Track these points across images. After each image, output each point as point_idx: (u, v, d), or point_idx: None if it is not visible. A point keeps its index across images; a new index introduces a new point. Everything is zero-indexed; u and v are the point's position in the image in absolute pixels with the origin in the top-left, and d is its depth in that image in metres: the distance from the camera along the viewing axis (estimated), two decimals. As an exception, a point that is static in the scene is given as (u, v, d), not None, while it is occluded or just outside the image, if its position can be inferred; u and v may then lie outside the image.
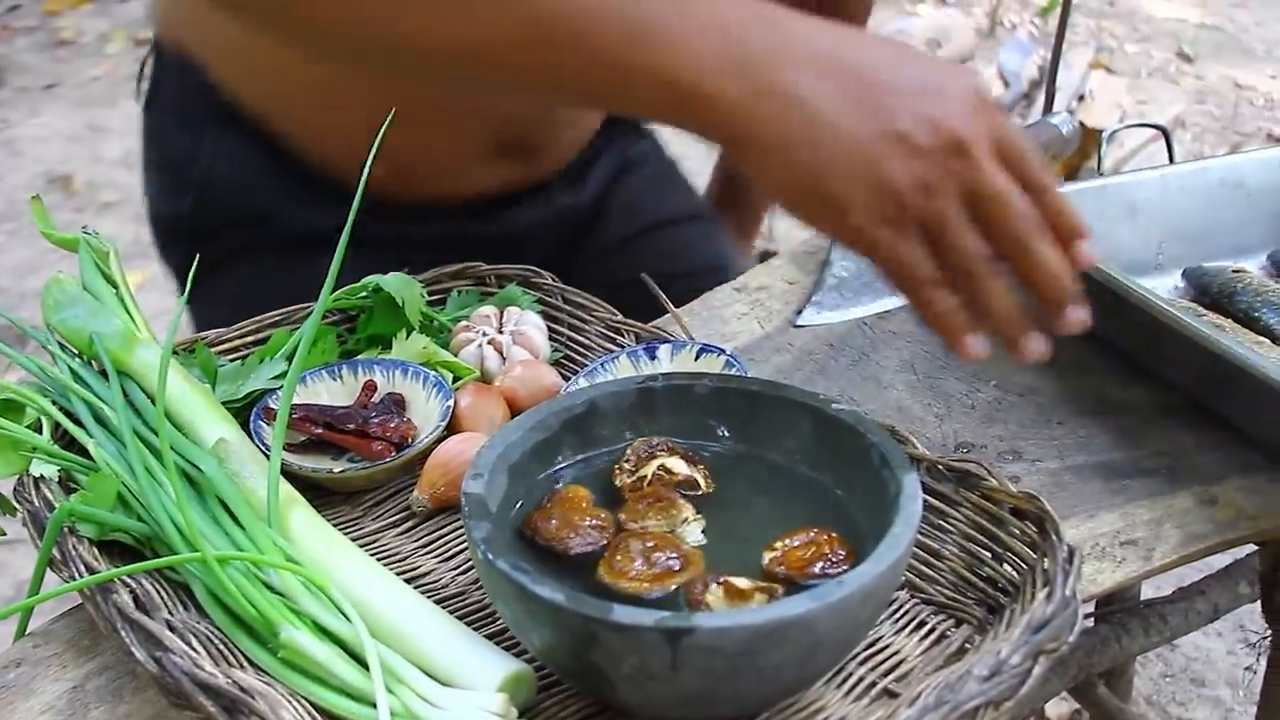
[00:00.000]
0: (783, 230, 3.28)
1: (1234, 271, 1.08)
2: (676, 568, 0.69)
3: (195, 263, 0.89)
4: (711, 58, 0.69)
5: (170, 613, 0.71)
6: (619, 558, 0.70)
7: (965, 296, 0.72)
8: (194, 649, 0.67)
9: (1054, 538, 0.72)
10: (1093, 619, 1.22)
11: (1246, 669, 1.98)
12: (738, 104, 0.69)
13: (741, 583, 0.66)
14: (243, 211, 1.12)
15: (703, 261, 1.32)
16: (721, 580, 0.67)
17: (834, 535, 0.71)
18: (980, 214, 0.70)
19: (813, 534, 0.71)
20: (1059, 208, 0.73)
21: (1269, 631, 1.11)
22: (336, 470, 0.86)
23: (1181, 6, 5.46)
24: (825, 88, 0.69)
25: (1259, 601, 1.09)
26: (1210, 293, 1.07)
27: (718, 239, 1.39)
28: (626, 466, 0.77)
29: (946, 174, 0.69)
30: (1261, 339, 0.99)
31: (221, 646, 0.69)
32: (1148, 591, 1.41)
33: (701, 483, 0.77)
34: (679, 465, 0.77)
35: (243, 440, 0.81)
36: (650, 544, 0.71)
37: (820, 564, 0.69)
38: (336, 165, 1.09)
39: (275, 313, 0.98)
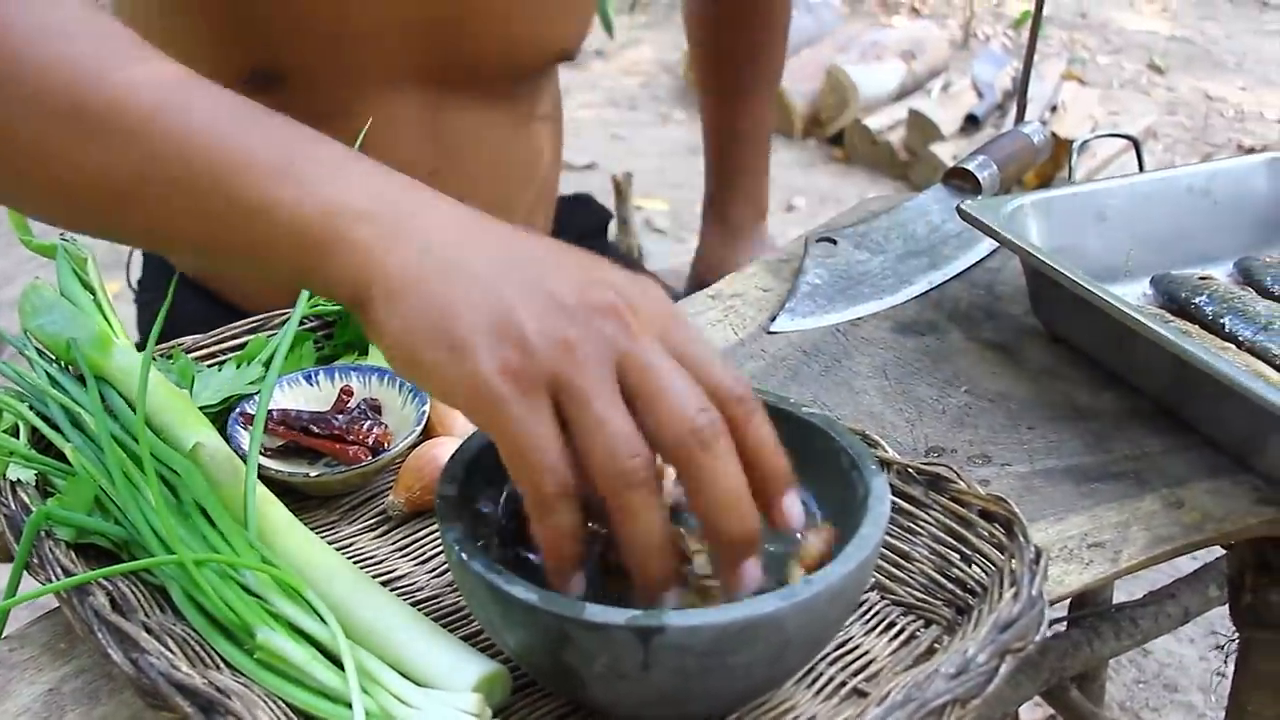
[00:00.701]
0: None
1: (1201, 279, 1.10)
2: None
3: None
4: (350, 205, 0.63)
5: (147, 615, 0.71)
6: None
7: (609, 510, 0.60)
8: (170, 650, 0.67)
9: (1021, 539, 0.73)
10: (1064, 623, 1.23)
11: (1217, 674, 2.00)
12: (371, 248, 0.61)
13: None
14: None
15: None
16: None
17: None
18: (636, 395, 0.59)
19: None
20: (758, 432, 0.61)
21: (1237, 635, 1.12)
22: (313, 475, 0.86)
23: (1153, 19, 5.51)
24: (467, 242, 0.62)
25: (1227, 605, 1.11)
26: (1178, 299, 1.09)
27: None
28: None
29: (591, 333, 0.58)
30: (1228, 345, 1.01)
31: (198, 648, 0.70)
32: (1119, 596, 1.42)
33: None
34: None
35: (220, 445, 0.81)
36: None
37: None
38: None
39: (253, 319, 0.98)
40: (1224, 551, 1.13)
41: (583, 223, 1.48)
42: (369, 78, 1.10)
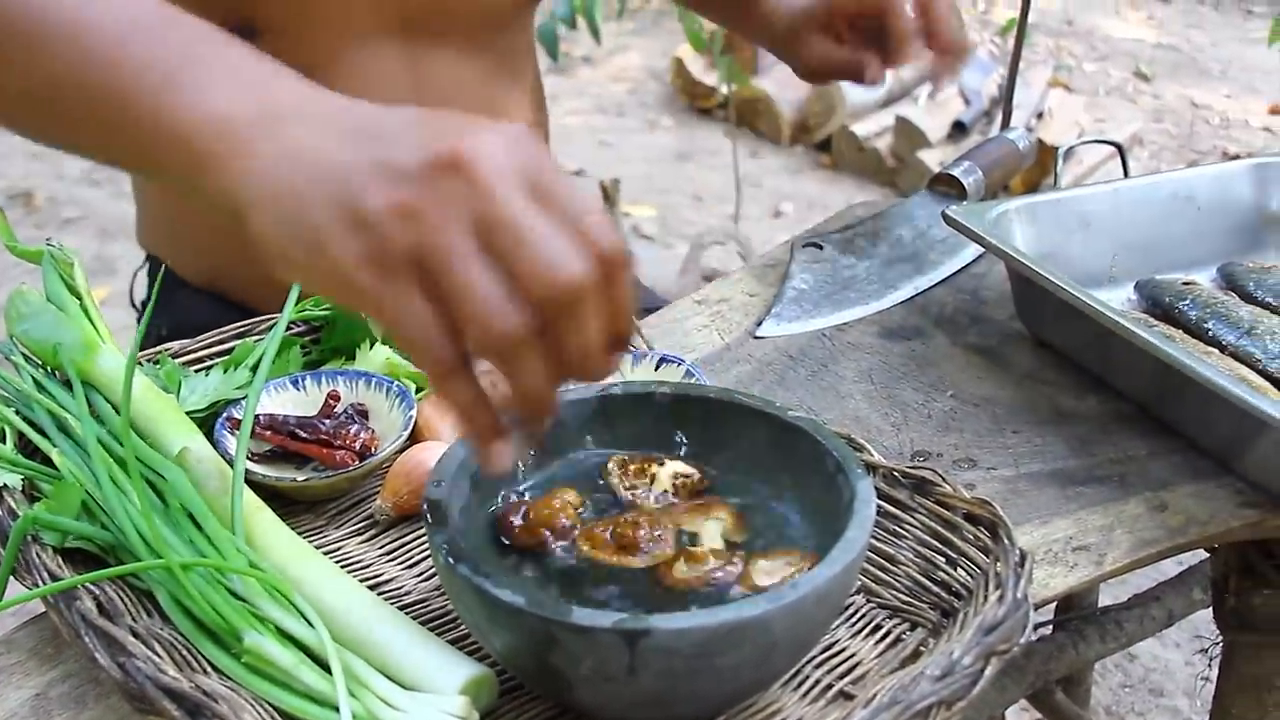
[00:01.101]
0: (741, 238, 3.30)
1: (1184, 284, 1.11)
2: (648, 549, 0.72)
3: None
4: (222, 116, 0.62)
5: (134, 619, 0.71)
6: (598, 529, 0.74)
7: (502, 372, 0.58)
8: (157, 655, 0.67)
9: (1006, 542, 0.74)
10: (1049, 627, 1.24)
11: (1202, 678, 2.01)
12: (238, 158, 0.61)
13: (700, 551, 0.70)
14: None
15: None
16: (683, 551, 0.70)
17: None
18: (496, 253, 0.56)
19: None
20: (618, 296, 0.58)
21: (1220, 638, 1.13)
22: (300, 479, 0.86)
23: (1139, 27, 5.54)
24: (325, 135, 0.60)
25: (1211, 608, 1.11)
26: (1161, 304, 1.09)
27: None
28: (625, 480, 0.79)
29: (439, 196, 0.56)
30: (1211, 349, 1.01)
31: (185, 652, 0.70)
32: (1104, 600, 1.43)
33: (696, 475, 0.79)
34: (680, 466, 0.80)
35: (207, 450, 0.81)
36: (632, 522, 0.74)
37: None
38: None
39: (240, 324, 0.98)
40: (1207, 555, 1.14)
41: None
42: (346, 30, 1.10)
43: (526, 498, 0.77)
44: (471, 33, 1.17)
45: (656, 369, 0.95)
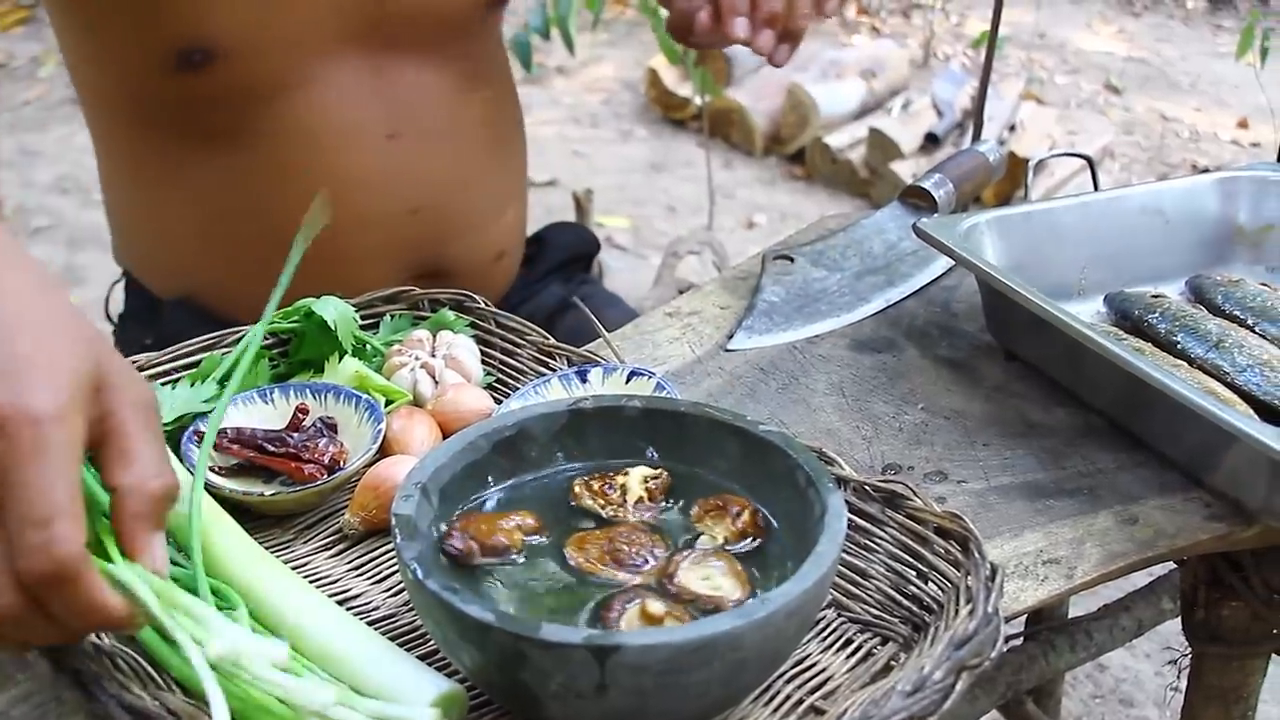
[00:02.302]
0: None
1: (1153, 297, 1.11)
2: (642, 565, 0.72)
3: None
4: None
5: (97, 637, 0.70)
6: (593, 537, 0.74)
7: None
8: (121, 673, 0.67)
9: (977, 556, 0.74)
10: (1020, 638, 1.24)
11: (1171, 688, 2.02)
12: None
13: (656, 607, 0.67)
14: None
15: None
16: (638, 602, 0.68)
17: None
18: None
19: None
20: (55, 597, 0.60)
21: (1189, 650, 1.13)
22: (267, 493, 0.85)
23: (1110, 40, 5.58)
24: None
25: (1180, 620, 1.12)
26: (1131, 317, 1.10)
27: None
28: (597, 500, 0.78)
29: None
30: (1179, 362, 1.02)
31: (149, 670, 0.69)
32: (1074, 613, 1.43)
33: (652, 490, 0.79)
34: (645, 470, 0.80)
35: (173, 463, 0.80)
36: (629, 538, 0.74)
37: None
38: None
39: (207, 336, 0.98)
40: (1176, 566, 1.14)
41: (570, 243, 1.47)
42: (305, 47, 1.09)
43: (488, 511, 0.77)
44: (437, 42, 1.17)
45: (627, 382, 0.95)
